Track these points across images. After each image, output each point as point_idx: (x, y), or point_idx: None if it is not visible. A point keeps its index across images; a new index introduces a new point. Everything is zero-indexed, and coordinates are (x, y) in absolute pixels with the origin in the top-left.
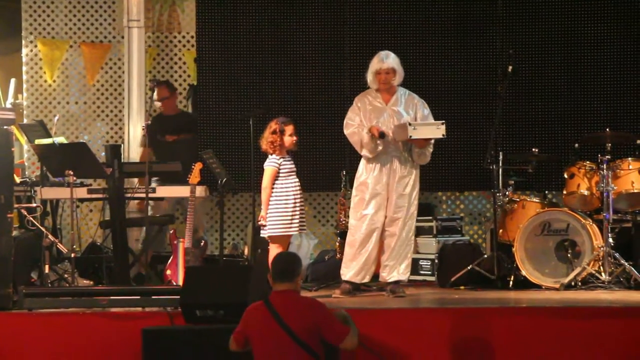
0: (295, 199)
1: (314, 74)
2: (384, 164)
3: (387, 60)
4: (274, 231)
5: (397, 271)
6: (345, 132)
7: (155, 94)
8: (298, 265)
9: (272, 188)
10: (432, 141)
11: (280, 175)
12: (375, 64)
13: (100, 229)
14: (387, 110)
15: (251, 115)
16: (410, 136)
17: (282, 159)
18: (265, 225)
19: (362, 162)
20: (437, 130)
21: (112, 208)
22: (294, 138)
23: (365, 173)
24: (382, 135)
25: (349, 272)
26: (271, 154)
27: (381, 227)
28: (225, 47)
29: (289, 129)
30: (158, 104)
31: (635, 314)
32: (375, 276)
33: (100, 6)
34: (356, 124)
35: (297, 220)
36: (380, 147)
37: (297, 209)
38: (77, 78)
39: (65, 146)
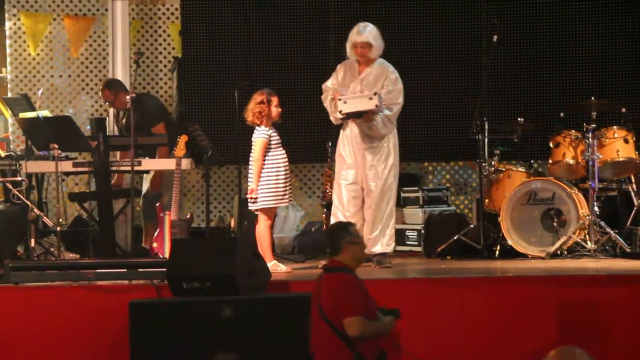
0: (285, 170)
1: (299, 46)
2: (354, 136)
3: (363, 33)
4: (267, 204)
5: (380, 243)
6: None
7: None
8: (340, 236)
9: (263, 160)
10: (384, 112)
11: (271, 146)
12: (352, 37)
13: (70, 201)
14: (357, 81)
15: (236, 88)
16: (341, 110)
17: (270, 130)
18: (255, 198)
19: (340, 133)
20: (368, 102)
21: (98, 181)
22: (280, 109)
23: (341, 145)
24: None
25: None
26: (258, 125)
27: (359, 197)
28: (210, 19)
29: (275, 99)
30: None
31: (621, 282)
32: None
33: None
34: (330, 91)
35: (287, 192)
36: (339, 115)
37: (287, 180)
38: (61, 51)
39: (50, 120)
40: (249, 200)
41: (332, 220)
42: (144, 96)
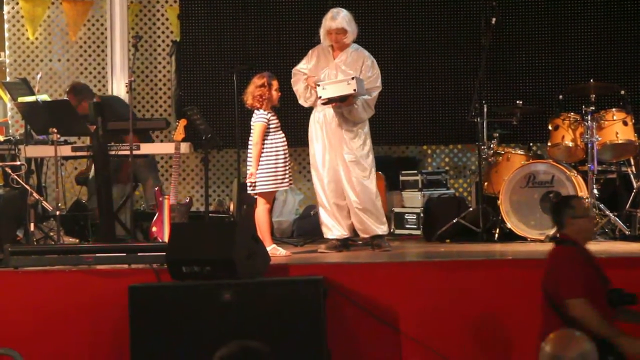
0: (284, 154)
1: (298, 29)
2: (328, 121)
3: (337, 18)
4: (266, 188)
5: (374, 226)
6: (292, 81)
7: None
8: (562, 212)
9: (262, 144)
10: (364, 97)
11: (270, 130)
12: (326, 23)
13: (77, 185)
14: (332, 66)
15: (235, 71)
16: (320, 96)
17: (269, 114)
18: (254, 182)
19: (311, 117)
20: (347, 87)
21: (97, 165)
22: (279, 93)
23: (312, 129)
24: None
25: (327, 230)
26: (258, 109)
27: (336, 182)
28: (209, 3)
29: (275, 83)
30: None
31: (620, 265)
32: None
33: None
34: (302, 74)
35: (287, 175)
36: (313, 98)
37: (287, 164)
38: (60, 35)
39: (48, 104)
40: (248, 184)
41: (320, 207)
42: (109, 99)
